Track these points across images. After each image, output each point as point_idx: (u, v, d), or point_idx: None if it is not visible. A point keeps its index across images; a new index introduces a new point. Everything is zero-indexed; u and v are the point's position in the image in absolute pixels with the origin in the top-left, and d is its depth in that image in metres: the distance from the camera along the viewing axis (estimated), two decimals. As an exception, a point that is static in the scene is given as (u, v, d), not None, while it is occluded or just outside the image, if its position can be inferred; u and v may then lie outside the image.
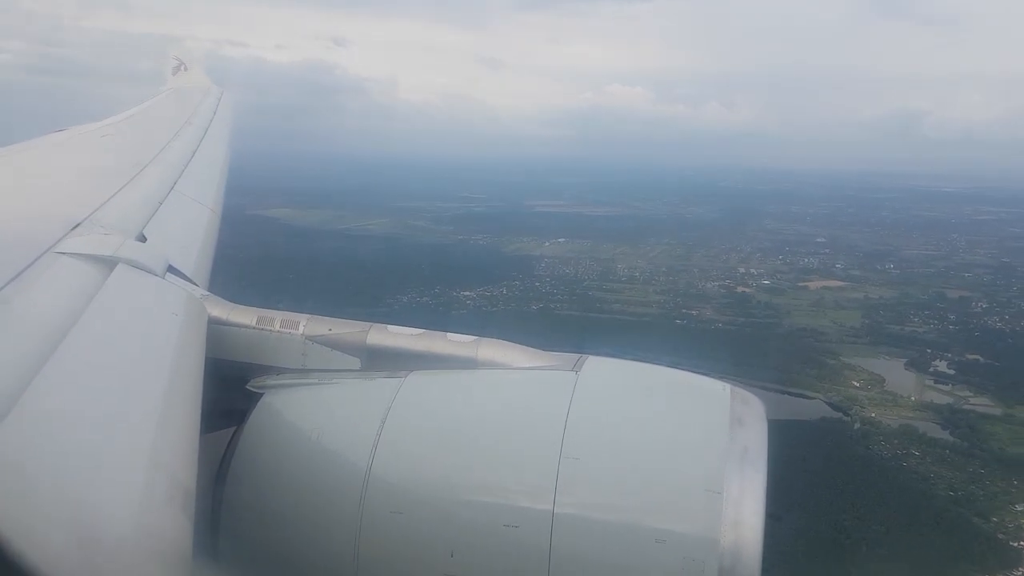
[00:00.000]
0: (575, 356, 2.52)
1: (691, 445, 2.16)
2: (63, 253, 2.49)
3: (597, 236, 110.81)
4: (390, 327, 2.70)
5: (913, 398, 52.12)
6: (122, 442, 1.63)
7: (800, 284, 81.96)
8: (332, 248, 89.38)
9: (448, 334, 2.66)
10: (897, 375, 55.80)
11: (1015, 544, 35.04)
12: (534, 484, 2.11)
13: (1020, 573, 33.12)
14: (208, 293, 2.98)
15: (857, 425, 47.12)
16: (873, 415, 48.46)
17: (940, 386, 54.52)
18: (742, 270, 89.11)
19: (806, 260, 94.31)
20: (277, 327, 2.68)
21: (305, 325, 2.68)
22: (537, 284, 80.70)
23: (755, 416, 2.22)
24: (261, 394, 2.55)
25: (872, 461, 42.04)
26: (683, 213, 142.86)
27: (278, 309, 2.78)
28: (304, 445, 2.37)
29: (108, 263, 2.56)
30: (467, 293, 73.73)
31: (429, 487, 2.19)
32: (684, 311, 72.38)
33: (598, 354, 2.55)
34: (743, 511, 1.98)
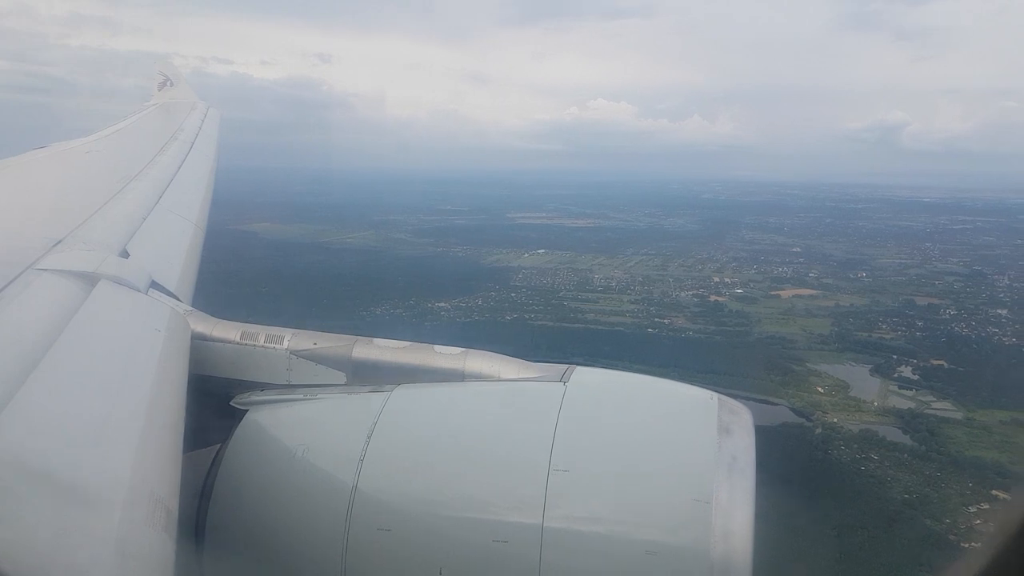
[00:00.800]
0: (563, 367, 2.53)
1: (679, 455, 2.16)
2: (44, 270, 2.45)
3: (577, 247, 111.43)
4: (376, 340, 2.67)
5: (876, 403, 52.48)
6: (103, 461, 1.60)
7: (772, 293, 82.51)
8: (311, 262, 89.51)
9: (435, 346, 2.64)
10: (862, 381, 56.29)
11: (966, 545, 35.46)
12: (523, 498, 2.09)
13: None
14: (192, 308, 2.95)
15: (818, 430, 47.45)
16: (835, 420, 48.77)
17: (904, 391, 54.94)
18: (716, 279, 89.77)
19: (780, 269, 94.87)
20: (261, 342, 2.66)
21: (289, 340, 2.66)
22: (513, 295, 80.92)
23: (742, 425, 2.22)
24: (245, 411, 2.52)
25: (830, 465, 42.41)
26: (663, 224, 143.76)
27: (262, 324, 2.75)
28: (289, 462, 2.33)
29: (90, 279, 2.52)
30: (442, 304, 73.90)
31: (417, 503, 2.16)
32: (657, 320, 72.77)
33: (585, 364, 2.59)
34: (732, 521, 1.98)
